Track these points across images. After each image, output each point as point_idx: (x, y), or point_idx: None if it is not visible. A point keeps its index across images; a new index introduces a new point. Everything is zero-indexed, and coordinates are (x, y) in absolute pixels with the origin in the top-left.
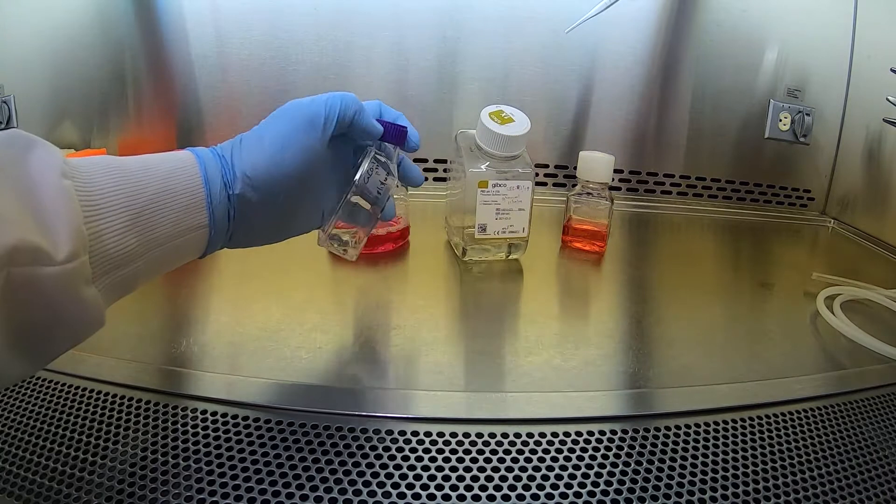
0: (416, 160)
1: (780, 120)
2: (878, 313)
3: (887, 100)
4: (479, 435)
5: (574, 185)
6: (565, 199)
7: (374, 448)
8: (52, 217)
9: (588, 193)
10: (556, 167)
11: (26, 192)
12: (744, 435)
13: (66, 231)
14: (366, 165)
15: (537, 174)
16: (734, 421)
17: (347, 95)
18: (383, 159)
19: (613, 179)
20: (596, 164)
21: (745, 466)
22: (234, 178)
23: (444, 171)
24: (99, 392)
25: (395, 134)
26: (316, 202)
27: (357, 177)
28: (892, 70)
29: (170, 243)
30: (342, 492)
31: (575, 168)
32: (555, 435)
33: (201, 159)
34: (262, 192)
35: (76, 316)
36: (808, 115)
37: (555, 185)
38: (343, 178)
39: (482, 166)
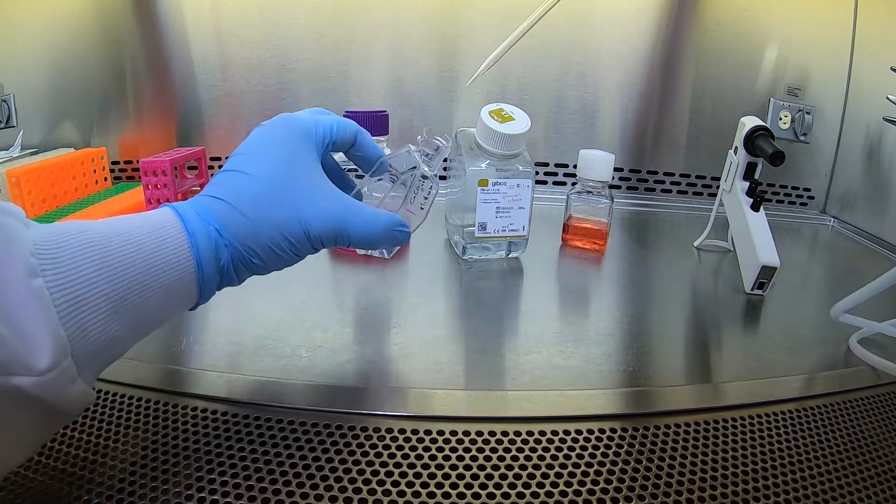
0: None
1: (781, 119)
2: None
3: (887, 98)
4: (479, 433)
5: (574, 184)
6: (565, 197)
7: (374, 446)
8: (24, 325)
9: (588, 192)
10: (555, 165)
11: None
12: (744, 433)
13: (42, 340)
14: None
15: (537, 172)
16: (734, 419)
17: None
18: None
19: (613, 178)
20: (596, 162)
21: (745, 465)
22: (228, 253)
23: (445, 169)
24: (99, 391)
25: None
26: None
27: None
28: (892, 69)
29: (157, 317)
30: (342, 490)
31: (575, 166)
32: (555, 433)
33: (187, 226)
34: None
35: (63, 410)
36: (808, 113)
37: (555, 183)
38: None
39: (482, 164)
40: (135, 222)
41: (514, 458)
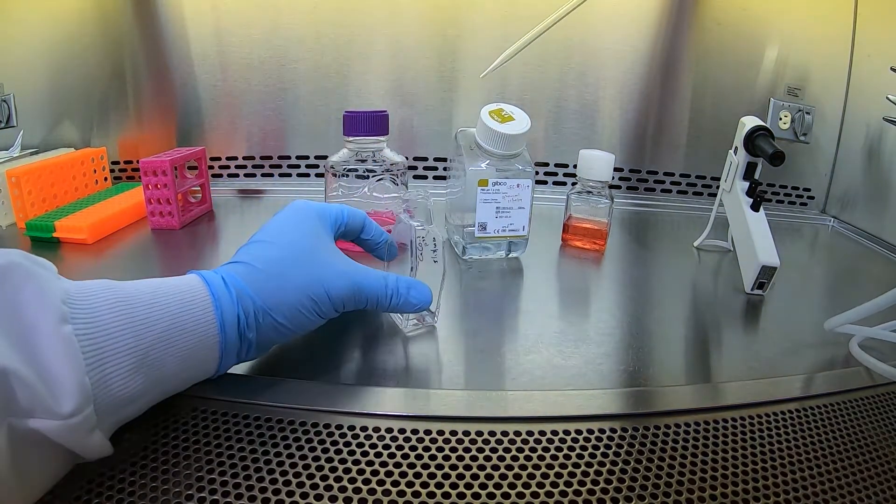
0: (416, 158)
1: (781, 119)
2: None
3: (887, 98)
4: (479, 433)
5: (574, 184)
6: (565, 197)
7: (374, 446)
8: (52, 369)
9: (588, 192)
10: (555, 165)
11: (22, 341)
12: (744, 433)
13: (68, 385)
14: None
15: (537, 172)
16: (734, 419)
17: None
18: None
19: (613, 178)
20: (596, 162)
21: (745, 465)
22: (254, 317)
23: (445, 169)
24: None
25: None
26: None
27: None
28: (892, 69)
29: (178, 377)
30: (342, 490)
31: (575, 166)
32: (555, 433)
33: (213, 289)
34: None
35: (80, 455)
36: (808, 113)
37: (555, 183)
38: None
39: (482, 164)
40: (161, 285)
41: (514, 458)
